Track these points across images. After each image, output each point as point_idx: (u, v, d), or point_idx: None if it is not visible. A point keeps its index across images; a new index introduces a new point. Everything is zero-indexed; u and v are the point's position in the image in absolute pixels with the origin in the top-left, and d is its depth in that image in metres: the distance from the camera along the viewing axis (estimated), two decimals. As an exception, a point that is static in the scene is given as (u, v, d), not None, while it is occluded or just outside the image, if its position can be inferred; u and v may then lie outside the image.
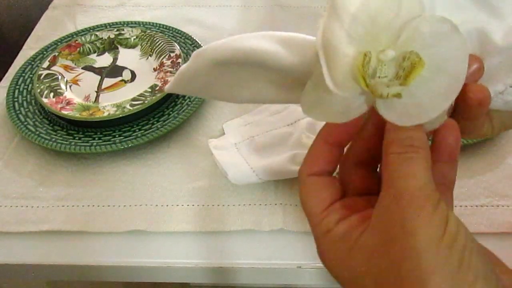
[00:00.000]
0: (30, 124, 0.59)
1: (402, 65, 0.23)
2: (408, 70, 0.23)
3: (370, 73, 0.23)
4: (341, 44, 0.23)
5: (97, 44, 0.70)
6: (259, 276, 0.49)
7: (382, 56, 0.23)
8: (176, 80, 0.30)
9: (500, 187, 0.52)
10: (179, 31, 0.73)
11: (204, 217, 0.51)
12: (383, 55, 0.23)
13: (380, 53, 0.23)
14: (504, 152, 0.56)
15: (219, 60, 0.27)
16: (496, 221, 0.49)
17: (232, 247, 0.49)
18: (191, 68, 0.28)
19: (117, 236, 0.50)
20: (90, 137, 0.58)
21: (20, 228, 0.50)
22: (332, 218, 0.26)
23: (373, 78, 0.24)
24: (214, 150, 0.55)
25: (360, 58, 0.23)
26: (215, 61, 0.27)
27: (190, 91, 0.31)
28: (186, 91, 0.31)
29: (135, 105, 0.59)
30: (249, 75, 0.28)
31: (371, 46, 0.23)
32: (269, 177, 0.51)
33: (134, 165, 0.56)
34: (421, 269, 0.22)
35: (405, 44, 0.23)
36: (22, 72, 0.67)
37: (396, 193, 0.23)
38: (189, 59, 0.28)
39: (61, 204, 0.52)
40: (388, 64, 0.24)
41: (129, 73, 0.67)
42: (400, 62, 0.23)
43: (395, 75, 0.24)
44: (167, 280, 0.50)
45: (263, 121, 0.58)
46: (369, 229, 0.24)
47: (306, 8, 0.81)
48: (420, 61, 0.23)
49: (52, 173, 0.56)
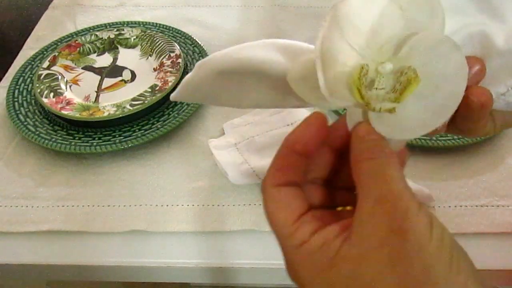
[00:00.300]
0: (30, 124, 0.59)
1: (400, 79, 0.23)
2: (404, 85, 0.23)
3: (367, 83, 0.24)
4: (340, 54, 0.23)
5: (97, 44, 0.70)
6: (259, 276, 0.49)
7: (381, 68, 0.23)
8: (181, 89, 0.30)
9: (500, 187, 0.52)
10: (179, 31, 0.73)
11: (204, 217, 0.51)
12: (382, 67, 0.23)
13: (379, 65, 0.23)
14: (504, 152, 0.56)
15: (222, 69, 0.28)
16: (496, 221, 0.49)
17: (232, 247, 0.49)
18: (195, 78, 0.29)
19: (117, 236, 0.50)
20: (90, 137, 0.58)
21: (20, 228, 0.50)
22: (306, 230, 0.25)
23: (370, 90, 0.24)
24: (214, 150, 0.55)
25: (357, 70, 0.23)
26: (219, 71, 0.28)
27: (195, 99, 0.32)
28: (191, 99, 0.32)
29: (135, 105, 0.59)
30: (252, 83, 0.28)
31: (371, 57, 0.24)
32: (269, 177, 0.51)
33: (134, 165, 0.56)
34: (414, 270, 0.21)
35: (405, 59, 0.23)
36: (22, 72, 0.67)
37: (379, 197, 0.23)
38: (193, 69, 0.29)
39: (61, 204, 0.52)
40: (387, 77, 0.24)
41: (129, 73, 0.67)
42: (398, 76, 0.23)
43: (393, 88, 0.24)
44: (167, 280, 0.50)
45: (263, 121, 0.58)
46: (352, 237, 0.24)
47: (306, 8, 0.81)
48: (416, 78, 0.23)
49: (52, 173, 0.56)
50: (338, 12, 0.23)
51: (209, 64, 0.28)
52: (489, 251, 0.47)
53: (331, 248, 0.24)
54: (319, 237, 0.25)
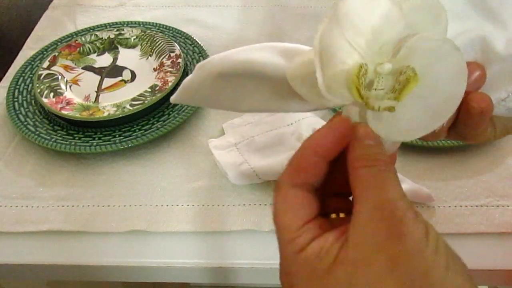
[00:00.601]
0: (30, 124, 0.59)
1: (399, 79, 0.23)
2: (403, 84, 0.23)
3: (366, 84, 0.23)
4: (339, 51, 0.23)
5: (97, 44, 0.70)
6: (259, 276, 0.49)
7: (379, 69, 0.23)
8: (180, 91, 0.30)
9: (500, 187, 0.52)
10: (179, 31, 0.73)
11: (204, 217, 0.51)
12: (380, 68, 0.23)
13: (377, 65, 0.23)
14: (504, 152, 0.56)
15: (222, 72, 0.27)
16: (496, 221, 0.49)
17: (232, 247, 0.49)
18: (195, 80, 0.29)
19: (117, 236, 0.50)
20: (90, 137, 0.58)
21: (20, 228, 0.50)
22: (306, 237, 0.25)
23: (369, 90, 0.23)
24: (214, 150, 0.55)
25: (356, 68, 0.23)
26: (218, 73, 0.28)
27: (194, 102, 0.31)
28: (191, 101, 0.31)
29: (135, 105, 0.59)
30: (252, 85, 0.28)
31: (370, 57, 0.23)
32: (269, 177, 0.51)
33: (134, 165, 0.56)
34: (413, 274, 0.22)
35: (404, 59, 0.23)
36: (22, 72, 0.67)
37: (377, 204, 0.23)
38: (193, 71, 0.29)
39: (61, 204, 0.52)
40: (386, 77, 0.24)
41: (129, 73, 0.67)
42: (397, 76, 0.23)
43: (392, 88, 0.23)
44: (167, 280, 0.50)
45: (263, 121, 0.58)
46: (349, 243, 0.24)
47: (306, 8, 0.81)
48: (415, 77, 0.23)
49: (52, 173, 0.56)
50: (338, 11, 0.23)
51: (209, 66, 0.28)
52: (489, 251, 0.47)
53: (329, 255, 0.24)
54: (316, 244, 0.25)
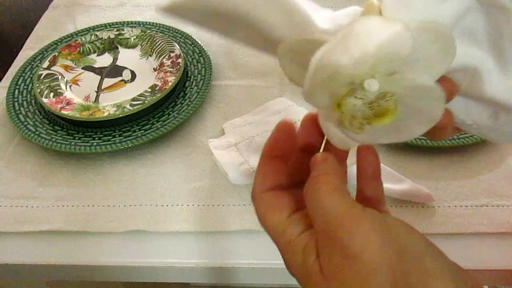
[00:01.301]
0: (30, 124, 0.59)
1: (379, 102, 0.24)
2: (381, 112, 0.24)
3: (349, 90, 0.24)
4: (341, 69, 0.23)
5: (97, 44, 0.70)
6: (259, 276, 0.49)
7: (367, 85, 0.23)
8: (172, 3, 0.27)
9: (500, 187, 0.52)
10: (179, 31, 0.73)
11: (204, 217, 0.51)
12: (368, 84, 0.23)
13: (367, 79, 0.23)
14: (504, 152, 0.56)
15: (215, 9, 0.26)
16: (496, 221, 0.49)
17: (232, 247, 0.49)
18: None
19: (117, 236, 0.50)
20: (90, 137, 0.58)
21: (20, 228, 0.50)
22: (294, 229, 0.27)
23: (349, 96, 0.24)
24: (214, 150, 0.55)
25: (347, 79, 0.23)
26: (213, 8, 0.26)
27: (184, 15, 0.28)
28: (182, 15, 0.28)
29: (135, 105, 0.59)
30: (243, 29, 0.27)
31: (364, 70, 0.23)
32: (269, 177, 0.51)
33: (134, 165, 0.56)
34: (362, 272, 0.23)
35: (393, 83, 0.24)
36: (22, 72, 0.67)
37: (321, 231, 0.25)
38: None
39: (61, 204, 0.52)
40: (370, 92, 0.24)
41: (129, 73, 0.67)
42: (380, 98, 0.24)
43: (370, 104, 0.24)
44: (167, 280, 0.50)
45: (263, 121, 0.58)
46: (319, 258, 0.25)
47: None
48: (394, 111, 0.24)
49: (52, 173, 0.56)
50: (352, 31, 0.23)
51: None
52: (489, 251, 0.47)
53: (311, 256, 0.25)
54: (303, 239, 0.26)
